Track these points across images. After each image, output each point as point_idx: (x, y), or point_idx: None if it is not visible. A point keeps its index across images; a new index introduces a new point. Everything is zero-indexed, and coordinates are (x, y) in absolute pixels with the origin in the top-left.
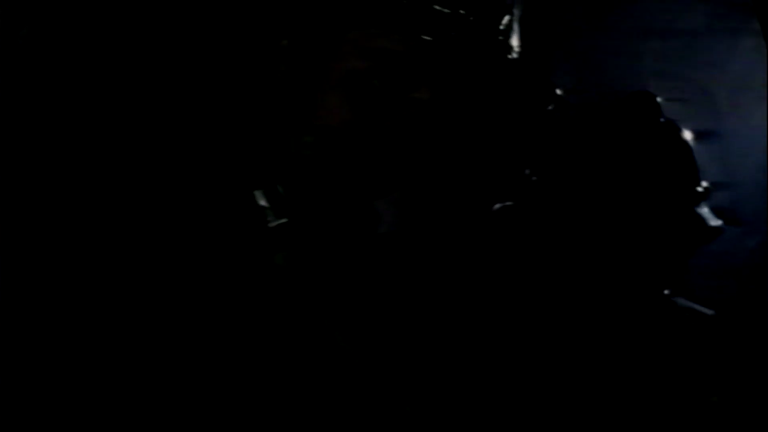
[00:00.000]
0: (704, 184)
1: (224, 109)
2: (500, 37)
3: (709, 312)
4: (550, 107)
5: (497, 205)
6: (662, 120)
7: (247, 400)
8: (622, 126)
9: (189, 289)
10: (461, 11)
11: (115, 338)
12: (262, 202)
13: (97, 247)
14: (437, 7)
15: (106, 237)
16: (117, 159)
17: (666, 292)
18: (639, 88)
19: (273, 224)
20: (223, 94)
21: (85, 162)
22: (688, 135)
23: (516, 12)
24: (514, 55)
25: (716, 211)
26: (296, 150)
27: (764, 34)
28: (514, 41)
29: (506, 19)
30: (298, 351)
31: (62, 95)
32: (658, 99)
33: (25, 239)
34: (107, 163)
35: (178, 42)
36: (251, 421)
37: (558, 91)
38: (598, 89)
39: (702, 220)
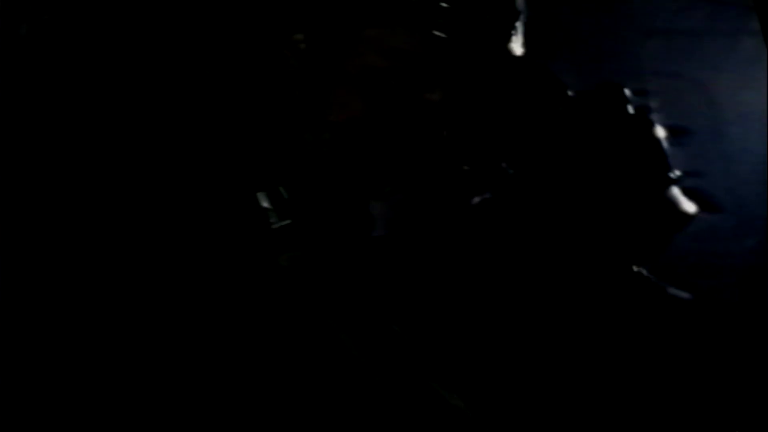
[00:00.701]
0: (676, 172)
1: (230, 107)
2: (510, 40)
3: (686, 296)
4: (560, 108)
5: (476, 199)
6: (630, 111)
7: (254, 401)
8: (591, 118)
9: (193, 291)
10: (473, 12)
11: (119, 341)
12: (265, 204)
13: (101, 248)
14: (446, 5)
15: (109, 238)
16: (119, 159)
17: (644, 274)
18: (639, 88)
19: (276, 226)
20: (230, 91)
21: (87, 162)
22: (661, 131)
23: (522, 14)
24: (524, 57)
25: (711, 208)
26: (315, 147)
27: (764, 34)
28: (520, 42)
29: (518, 23)
30: (303, 352)
31: (62, 94)
32: (650, 97)
33: (25, 239)
34: (109, 163)
35: (183, 38)
36: (257, 422)
37: (570, 93)
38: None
39: (674, 205)
